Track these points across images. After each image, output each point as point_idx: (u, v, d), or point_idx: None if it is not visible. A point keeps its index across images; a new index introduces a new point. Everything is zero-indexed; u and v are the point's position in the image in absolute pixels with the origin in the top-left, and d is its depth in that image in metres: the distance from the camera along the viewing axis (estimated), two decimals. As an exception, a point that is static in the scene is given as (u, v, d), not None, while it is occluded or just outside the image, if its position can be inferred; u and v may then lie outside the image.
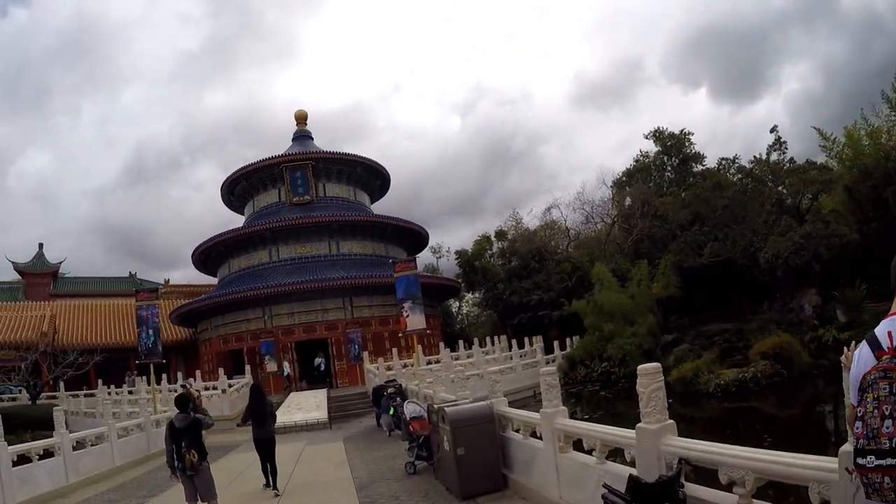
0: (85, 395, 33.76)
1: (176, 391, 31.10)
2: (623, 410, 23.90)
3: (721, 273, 35.48)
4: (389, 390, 19.50)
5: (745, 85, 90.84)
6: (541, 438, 9.05)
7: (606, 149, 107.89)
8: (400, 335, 24.65)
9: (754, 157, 36.23)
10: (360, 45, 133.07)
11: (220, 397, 26.05)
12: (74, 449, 15.10)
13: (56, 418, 15.09)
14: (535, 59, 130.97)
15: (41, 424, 25.06)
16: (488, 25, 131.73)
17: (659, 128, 47.16)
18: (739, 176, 37.05)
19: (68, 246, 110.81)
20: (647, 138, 47.31)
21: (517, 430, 10.17)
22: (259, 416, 13.17)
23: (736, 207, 33.82)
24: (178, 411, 9.18)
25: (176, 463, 8.91)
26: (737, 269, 34.32)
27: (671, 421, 6.33)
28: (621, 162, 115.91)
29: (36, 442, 14.76)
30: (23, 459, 13.63)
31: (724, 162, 40.53)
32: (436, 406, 11.50)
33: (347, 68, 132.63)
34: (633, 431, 6.55)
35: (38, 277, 58.47)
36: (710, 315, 35.55)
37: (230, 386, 27.10)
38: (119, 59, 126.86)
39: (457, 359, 31.17)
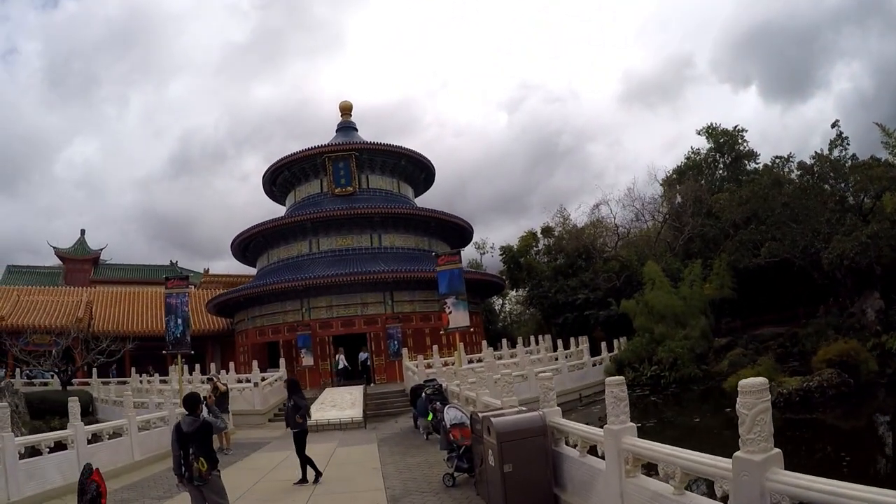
0: (117, 383, 33.27)
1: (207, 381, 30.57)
2: (673, 418, 22.99)
3: (776, 275, 34.46)
4: (428, 391, 18.29)
5: (796, 84, 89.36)
6: (603, 458, 7.97)
7: (654, 148, 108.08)
8: (441, 332, 23.34)
9: (815, 153, 34.87)
10: (408, 41, 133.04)
11: (251, 391, 25.04)
12: (89, 442, 14.18)
13: (70, 409, 14.15)
14: (584, 56, 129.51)
15: None
16: (537, 22, 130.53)
17: (712, 124, 46.22)
18: (799, 172, 35.70)
19: (112, 234, 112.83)
20: (699, 134, 46.75)
21: (574, 446, 9.08)
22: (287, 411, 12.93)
23: (796, 206, 32.24)
24: (186, 412, 8.11)
25: (183, 471, 7.82)
26: (794, 271, 33.09)
27: (777, 450, 5.13)
28: (669, 161, 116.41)
29: (46, 434, 13.90)
30: (34, 452, 12.73)
31: (777, 160, 40.01)
32: (480, 415, 10.20)
33: (394, 63, 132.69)
34: (729, 461, 5.33)
35: (79, 263, 58.84)
36: (761, 319, 34.44)
37: (263, 379, 26.11)
38: (167, 50, 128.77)
39: (499, 358, 30.03)
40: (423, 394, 18.06)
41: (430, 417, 14.09)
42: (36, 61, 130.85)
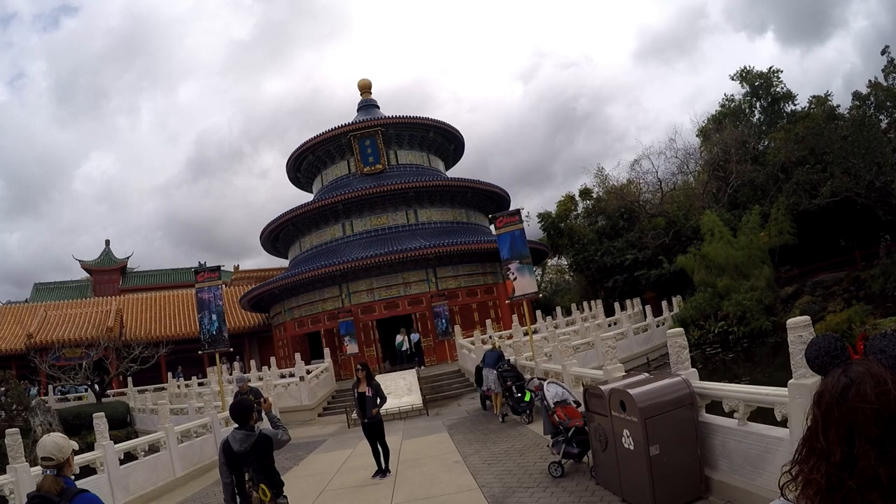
0: (154, 391, 31.53)
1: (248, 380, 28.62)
2: (743, 373, 21.63)
3: (836, 216, 32.99)
4: (499, 367, 16.09)
5: (813, 26, 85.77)
6: (784, 424, 6.55)
7: (674, 105, 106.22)
8: (508, 301, 21.02)
9: (870, 81, 33.37)
10: (415, 19, 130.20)
11: (297, 385, 23.00)
12: (122, 462, 12.13)
13: (97, 426, 12.11)
14: (595, 16, 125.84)
15: (110, 423, 22.88)
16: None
17: (745, 67, 44.34)
18: (855, 104, 33.93)
19: (137, 243, 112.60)
20: (732, 79, 45.06)
21: (731, 413, 7.38)
22: (361, 400, 11.02)
23: (855, 139, 30.46)
24: (235, 426, 5.94)
25: (238, 501, 5.66)
26: (856, 210, 31.64)
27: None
28: (690, 118, 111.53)
29: (70, 458, 11.86)
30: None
31: (813, 99, 38.94)
32: (605, 388, 7.94)
33: (404, 43, 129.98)
34: None
35: (106, 274, 57.66)
36: (816, 265, 32.73)
37: (308, 372, 24.07)
38: (173, 55, 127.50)
39: (556, 327, 27.90)
40: (496, 371, 15.90)
41: (527, 397, 11.77)
42: (42, 81, 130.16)
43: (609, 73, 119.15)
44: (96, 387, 29.10)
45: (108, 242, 61.84)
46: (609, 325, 27.89)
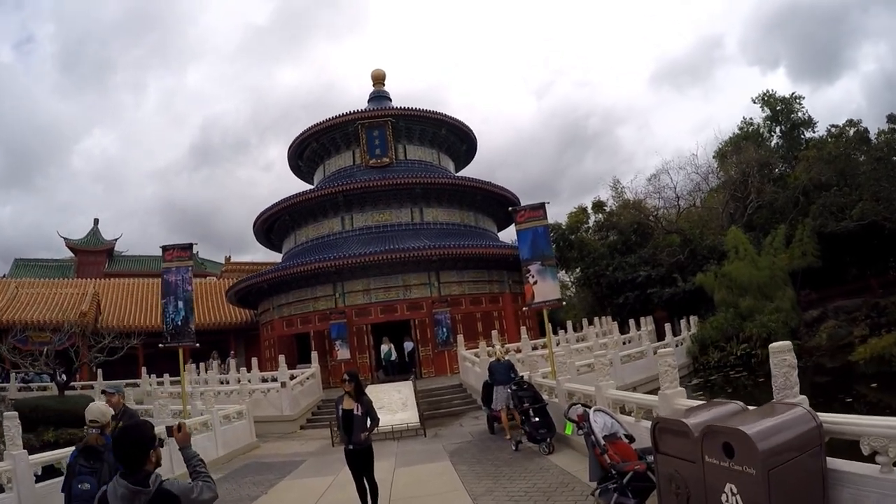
0: (126, 385, 28.82)
1: (226, 381, 25.95)
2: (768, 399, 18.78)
3: (862, 240, 32.58)
4: (514, 387, 13.59)
5: (824, 66, 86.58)
6: None
7: (683, 131, 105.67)
8: (525, 308, 18.47)
9: None
10: (435, 25, 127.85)
11: (278, 392, 20.40)
12: (39, 479, 9.41)
13: (7, 431, 9.42)
14: (614, 36, 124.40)
15: (70, 419, 20.32)
16: (565, 5, 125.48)
17: (768, 91, 44.33)
18: (892, 126, 33.59)
19: (132, 228, 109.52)
20: (754, 102, 44.68)
21: (872, 455, 5.26)
22: (347, 419, 8.24)
23: (888, 162, 30.74)
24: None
25: None
26: (884, 234, 31.32)
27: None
28: (695, 145, 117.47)
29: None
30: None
31: (832, 128, 38.86)
32: (696, 421, 5.50)
33: (423, 45, 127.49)
34: None
35: (92, 255, 55.09)
36: (835, 290, 31.91)
37: (292, 377, 21.48)
38: (185, 33, 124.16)
39: (567, 342, 25.45)
40: (510, 390, 13.40)
41: (568, 429, 9.18)
42: (48, 46, 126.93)
43: (623, 94, 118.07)
44: (60, 377, 26.29)
45: (96, 222, 59.45)
46: (624, 343, 25.44)
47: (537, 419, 12.41)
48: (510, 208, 19.84)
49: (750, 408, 5.97)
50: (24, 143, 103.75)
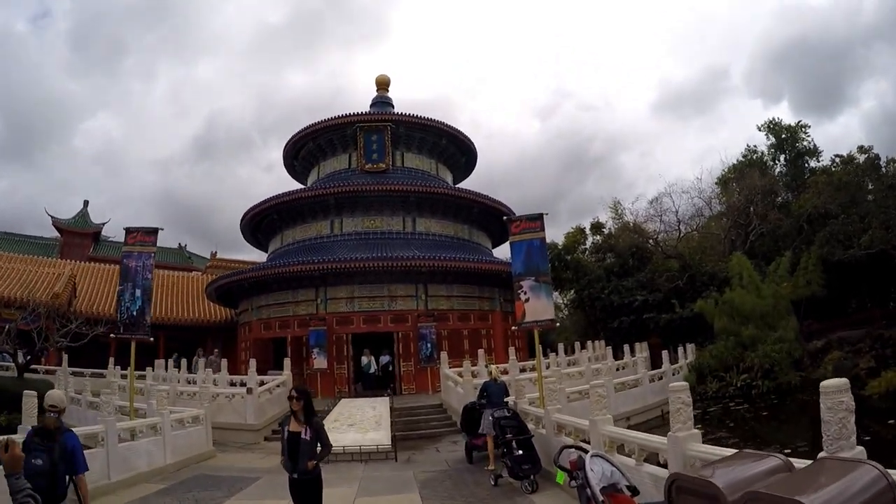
0: (91, 375, 27.35)
1: (192, 381, 24.43)
2: (771, 434, 18.77)
3: (868, 269, 31.74)
4: (496, 413, 12.30)
5: (826, 101, 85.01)
6: None
7: (684, 161, 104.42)
8: (514, 329, 17.07)
9: None
10: (446, 41, 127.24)
11: (243, 398, 19.05)
12: None
13: None
14: (620, 63, 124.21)
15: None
16: (574, 28, 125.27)
17: (773, 119, 43.78)
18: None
19: (126, 214, 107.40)
20: (759, 130, 44.29)
21: None
22: (292, 443, 6.96)
23: None
24: None
25: None
26: (891, 264, 30.47)
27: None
28: (699, 170, 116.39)
29: None
30: None
31: (837, 158, 38.47)
32: (727, 480, 4.25)
33: (431, 62, 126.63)
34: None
35: (78, 237, 53.47)
36: (836, 321, 31.12)
37: (262, 384, 20.14)
38: (201, 24, 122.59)
39: (558, 366, 24.17)
40: (492, 418, 12.15)
41: (560, 478, 7.87)
42: (62, 22, 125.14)
43: (627, 119, 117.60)
44: (25, 358, 24.75)
45: (85, 203, 57.37)
46: (617, 370, 24.14)
47: (521, 452, 11.13)
48: (504, 217, 18.68)
49: (794, 461, 4.74)
50: (28, 116, 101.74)
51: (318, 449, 6.89)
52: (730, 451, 6.24)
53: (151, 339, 15.42)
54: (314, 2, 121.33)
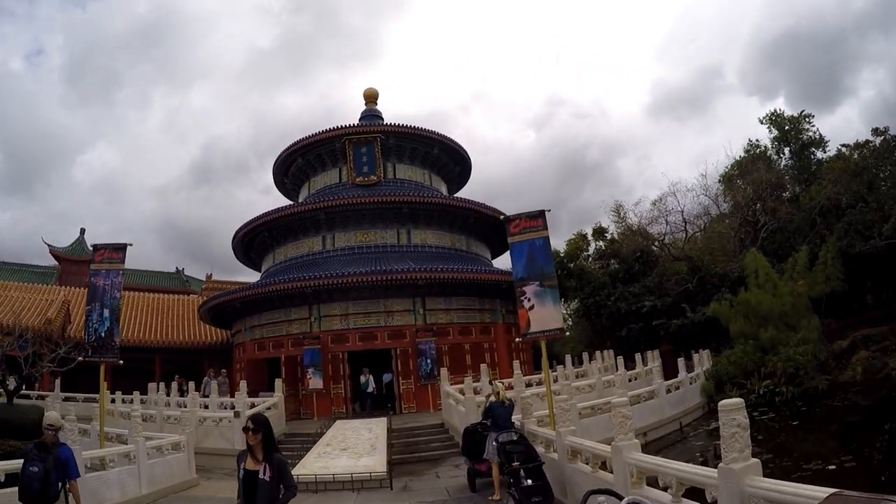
0: (84, 400, 26.51)
1: (183, 406, 23.43)
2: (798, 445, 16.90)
3: (885, 262, 30.69)
4: (501, 437, 11.22)
5: (823, 93, 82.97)
6: None
7: (682, 163, 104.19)
8: (519, 339, 15.92)
9: None
10: (438, 56, 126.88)
11: (230, 423, 18.07)
12: (2, 486, 7.81)
13: None
14: (613, 68, 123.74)
15: (17, 430, 17.95)
16: (565, 35, 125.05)
17: (775, 111, 42.87)
18: None
19: (126, 242, 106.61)
20: (762, 123, 43.35)
21: None
22: (249, 484, 5.62)
23: None
24: None
25: None
26: None
27: None
28: (698, 173, 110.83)
29: None
30: None
31: (844, 147, 37.64)
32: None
33: (424, 79, 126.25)
34: None
35: (75, 265, 52.77)
36: (855, 319, 29.92)
37: (252, 406, 19.16)
38: (191, 51, 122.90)
39: (566, 378, 23.09)
40: (496, 443, 11.08)
41: None
42: (56, 57, 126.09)
43: (622, 124, 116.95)
44: (18, 383, 23.85)
45: (82, 231, 57.47)
46: (630, 381, 23.03)
47: (530, 482, 9.79)
48: (502, 216, 17.45)
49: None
50: (28, 151, 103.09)
51: (282, 492, 5.82)
52: (806, 489, 5.19)
53: (121, 361, 14.55)
54: (304, 25, 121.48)
